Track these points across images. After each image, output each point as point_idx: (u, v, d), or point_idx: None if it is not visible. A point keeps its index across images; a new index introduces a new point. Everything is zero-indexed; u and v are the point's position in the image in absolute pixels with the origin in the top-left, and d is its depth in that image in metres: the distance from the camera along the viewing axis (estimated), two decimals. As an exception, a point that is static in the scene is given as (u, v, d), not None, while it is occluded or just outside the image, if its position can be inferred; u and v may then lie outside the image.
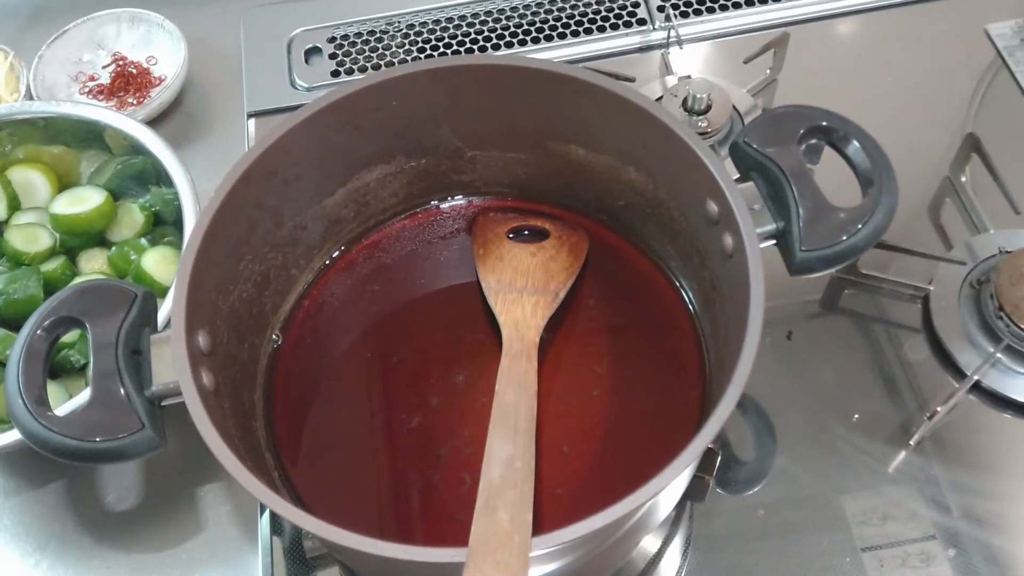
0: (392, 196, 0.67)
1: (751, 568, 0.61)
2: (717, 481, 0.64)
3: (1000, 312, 0.66)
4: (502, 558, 0.44)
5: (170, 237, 0.73)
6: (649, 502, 0.44)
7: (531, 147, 0.65)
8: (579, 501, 0.56)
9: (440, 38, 0.90)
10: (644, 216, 0.64)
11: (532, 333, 0.59)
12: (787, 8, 0.89)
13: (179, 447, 0.57)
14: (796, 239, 0.54)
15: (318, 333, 0.64)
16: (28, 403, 0.49)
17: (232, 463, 0.46)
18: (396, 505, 0.57)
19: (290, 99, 0.85)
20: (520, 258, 0.64)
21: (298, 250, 0.64)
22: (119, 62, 0.89)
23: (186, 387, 0.48)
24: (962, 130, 0.79)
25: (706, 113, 0.79)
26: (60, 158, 0.76)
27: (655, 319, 0.63)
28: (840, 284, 0.72)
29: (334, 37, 0.90)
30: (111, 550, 0.64)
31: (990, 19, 0.87)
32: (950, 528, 0.61)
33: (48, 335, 0.52)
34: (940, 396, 0.66)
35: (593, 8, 0.90)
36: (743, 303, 0.50)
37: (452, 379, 0.61)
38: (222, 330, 0.56)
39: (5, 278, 0.69)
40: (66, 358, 0.67)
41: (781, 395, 0.67)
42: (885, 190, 0.55)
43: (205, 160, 0.81)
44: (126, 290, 0.53)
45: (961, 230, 0.74)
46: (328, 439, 0.60)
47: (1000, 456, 0.65)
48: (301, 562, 0.62)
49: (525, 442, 0.52)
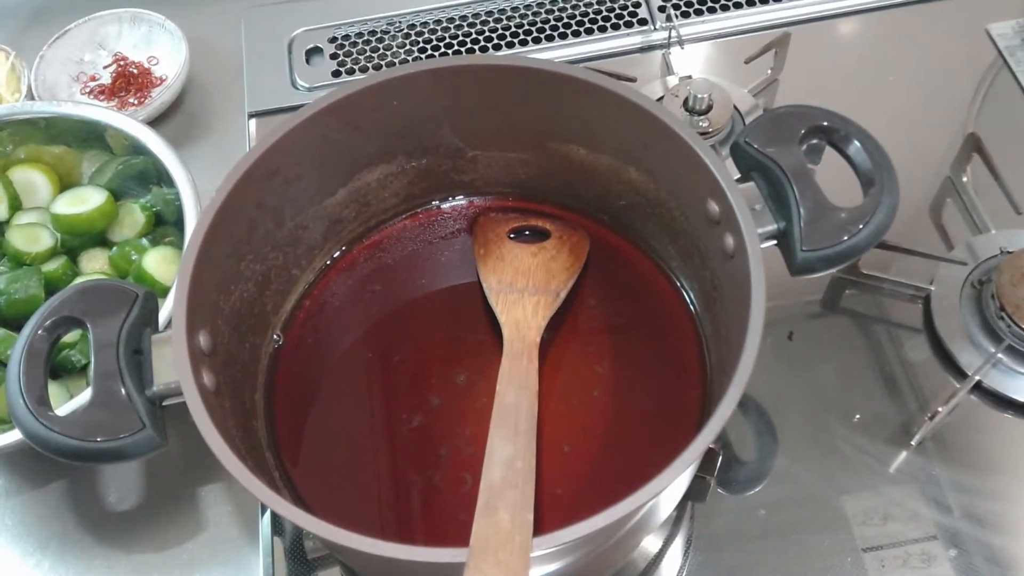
0: (393, 196, 0.67)
1: (752, 568, 0.61)
2: (718, 481, 0.64)
3: (1001, 312, 0.66)
4: (503, 558, 0.44)
5: (171, 237, 0.73)
6: (650, 502, 0.44)
7: (532, 147, 0.65)
8: (580, 501, 0.56)
9: (441, 38, 0.90)
10: (645, 216, 0.64)
11: (533, 333, 0.59)
12: (788, 8, 0.89)
13: (180, 447, 0.57)
14: (797, 239, 0.54)
15: (319, 333, 0.64)
16: (29, 403, 0.49)
17: (233, 463, 0.46)
18: (397, 505, 0.57)
19: (291, 99, 0.85)
20: (521, 258, 0.64)
21: (299, 250, 0.64)
22: (120, 62, 0.89)
23: (187, 387, 0.49)
24: (963, 130, 0.79)
25: (707, 113, 0.79)
26: (61, 158, 0.76)
27: (656, 319, 0.63)
28: (841, 284, 0.72)
29: (335, 37, 0.90)
30: (112, 550, 0.64)
31: (991, 19, 0.87)
32: (951, 528, 0.61)
33: (49, 335, 0.52)
34: (941, 396, 0.66)
35: (594, 8, 0.90)
36: (744, 303, 0.50)
37: (453, 379, 0.61)
38: (223, 330, 0.56)
39: (6, 278, 0.69)
40: (67, 358, 0.67)
41: (782, 395, 0.67)
42: (886, 190, 0.55)
43: (206, 160, 0.81)
44: (127, 290, 0.53)
45: (962, 230, 0.74)
46: (329, 439, 0.60)
47: (1001, 456, 0.65)
48: (302, 562, 0.62)
49: (526, 442, 0.52)
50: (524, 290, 0.62)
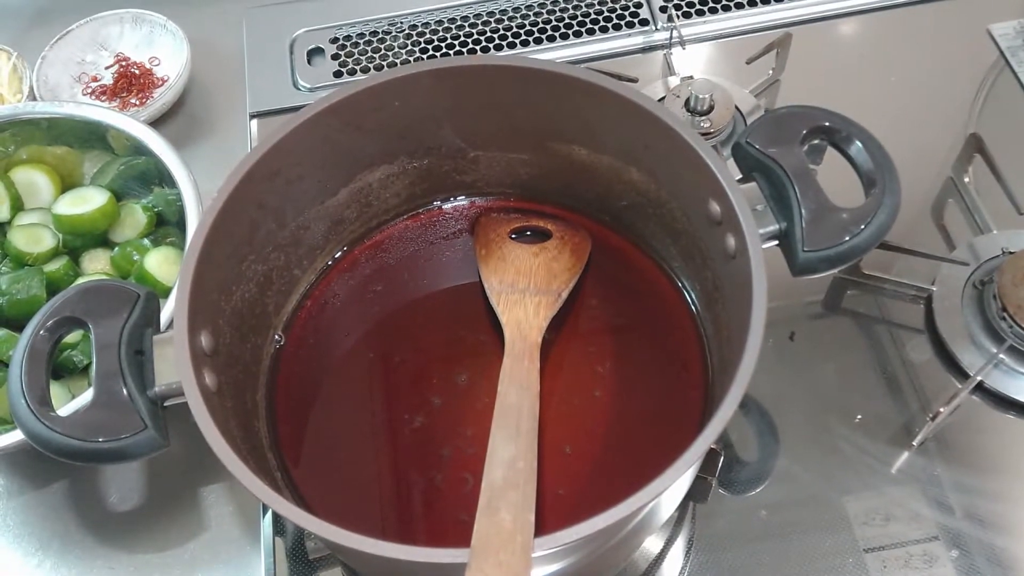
0: (395, 196, 0.67)
1: (753, 569, 0.61)
2: (719, 482, 0.64)
3: (1003, 313, 0.66)
4: (504, 559, 0.44)
5: (172, 238, 0.73)
6: (652, 503, 0.44)
7: (533, 147, 0.65)
8: (581, 502, 0.56)
9: (442, 38, 0.90)
10: (646, 217, 0.64)
11: (534, 334, 0.59)
12: (790, 8, 0.89)
13: (181, 447, 0.57)
14: (799, 240, 0.54)
15: (320, 333, 0.64)
16: (31, 403, 0.49)
17: (234, 463, 0.46)
18: (398, 505, 0.57)
19: (292, 100, 0.85)
20: (522, 258, 0.64)
21: (300, 250, 0.64)
22: (122, 63, 0.89)
23: (188, 387, 0.49)
24: (965, 130, 0.79)
25: (708, 113, 0.79)
26: (63, 159, 0.76)
27: (657, 320, 0.63)
28: (843, 285, 0.72)
29: (336, 38, 0.90)
30: (113, 550, 0.64)
31: (993, 19, 0.86)
32: (953, 529, 0.61)
33: (51, 335, 0.52)
34: (943, 397, 0.66)
35: (595, 8, 0.90)
36: (746, 304, 0.50)
37: (454, 379, 0.61)
38: (224, 330, 0.56)
39: (8, 278, 0.69)
40: (69, 358, 0.67)
41: (783, 396, 0.67)
42: (888, 190, 0.55)
43: (208, 161, 0.81)
44: (129, 290, 0.53)
45: (964, 230, 0.74)
46: (330, 439, 0.60)
47: (1003, 457, 0.65)
48: (303, 563, 0.62)
49: (527, 442, 0.52)
50: (525, 290, 0.62)
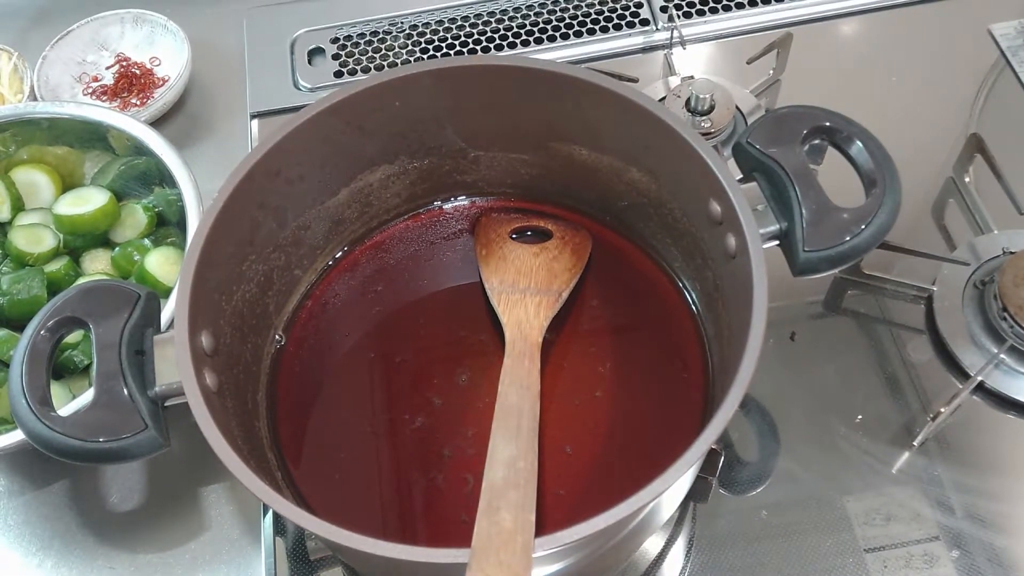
0: (395, 196, 0.67)
1: (754, 569, 0.61)
2: (720, 482, 0.64)
3: (1004, 313, 0.66)
4: (505, 559, 0.44)
5: (173, 238, 0.73)
6: (652, 503, 0.44)
7: (534, 148, 0.65)
8: (582, 502, 0.56)
9: (443, 39, 0.90)
10: (647, 217, 0.64)
11: (535, 334, 0.59)
12: (790, 8, 0.89)
13: (182, 447, 0.57)
14: (799, 240, 0.54)
15: (321, 333, 0.64)
16: (32, 403, 0.49)
17: (235, 463, 0.46)
18: (399, 505, 0.57)
19: (293, 100, 0.85)
20: (523, 259, 0.64)
21: (301, 250, 0.64)
22: (123, 63, 0.89)
23: (189, 387, 0.49)
24: (965, 130, 0.79)
25: (709, 114, 0.79)
26: (64, 159, 0.76)
27: (658, 320, 0.63)
28: (843, 285, 0.72)
29: (337, 38, 0.90)
30: (114, 550, 0.64)
31: (993, 19, 0.86)
32: (954, 529, 0.61)
33: (52, 335, 0.52)
34: (943, 397, 0.66)
35: (596, 9, 0.90)
36: (746, 304, 0.50)
37: (455, 380, 0.61)
38: (225, 330, 0.56)
39: (9, 279, 0.69)
40: (69, 358, 0.67)
41: (784, 396, 0.67)
42: (888, 190, 0.55)
43: (208, 161, 0.81)
44: (129, 291, 0.53)
45: (965, 231, 0.74)
46: (331, 439, 0.60)
47: (1004, 457, 0.65)
48: (304, 563, 0.62)
49: (528, 442, 0.52)
50: (526, 290, 0.62)
